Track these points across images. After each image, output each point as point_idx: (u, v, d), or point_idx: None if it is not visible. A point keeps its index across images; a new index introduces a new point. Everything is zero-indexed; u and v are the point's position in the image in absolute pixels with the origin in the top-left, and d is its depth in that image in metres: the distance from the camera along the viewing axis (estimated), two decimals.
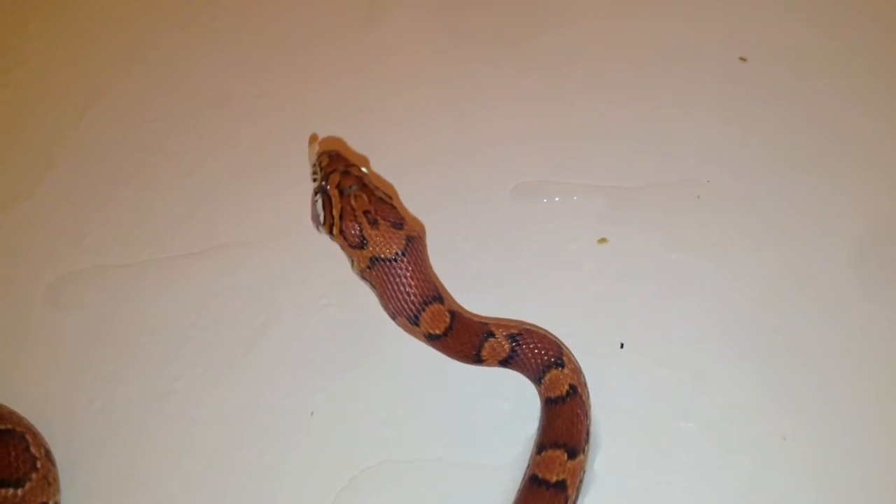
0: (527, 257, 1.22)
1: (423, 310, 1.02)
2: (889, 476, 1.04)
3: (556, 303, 1.18)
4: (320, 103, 1.41)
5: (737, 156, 1.30)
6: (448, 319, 1.04)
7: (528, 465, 1.03)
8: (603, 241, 1.23)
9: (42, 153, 1.39)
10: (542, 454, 1.00)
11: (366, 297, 1.19)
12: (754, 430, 1.07)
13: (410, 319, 1.03)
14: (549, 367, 1.05)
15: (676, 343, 1.14)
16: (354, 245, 1.03)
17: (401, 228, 1.03)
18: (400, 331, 1.14)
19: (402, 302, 1.03)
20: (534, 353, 1.05)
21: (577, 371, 1.06)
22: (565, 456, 0.99)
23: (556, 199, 1.28)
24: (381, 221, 1.03)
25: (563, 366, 1.05)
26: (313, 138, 1.25)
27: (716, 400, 1.10)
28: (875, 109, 1.33)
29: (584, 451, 1.02)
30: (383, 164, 1.30)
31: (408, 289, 1.02)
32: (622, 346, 1.14)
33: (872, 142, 1.30)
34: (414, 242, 1.03)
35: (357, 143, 1.34)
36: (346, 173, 1.06)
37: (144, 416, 1.14)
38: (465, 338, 1.04)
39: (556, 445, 1.00)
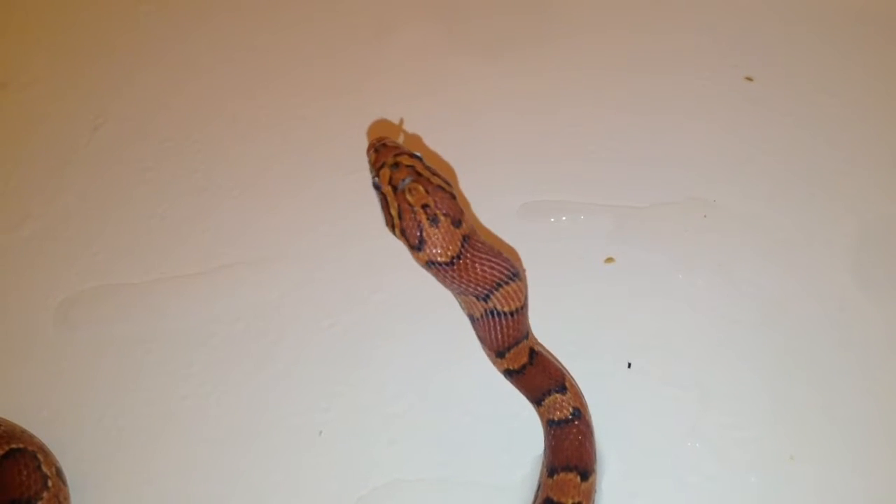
0: (534, 276, 1.22)
1: (500, 287, 0.97)
2: None
3: (563, 322, 1.17)
4: (329, 121, 1.41)
5: (743, 175, 1.30)
6: (524, 299, 1.00)
7: (540, 488, 1.03)
8: (610, 260, 1.23)
9: (52, 171, 1.40)
10: (555, 477, 1.00)
11: (371, 318, 1.21)
12: (761, 449, 1.07)
13: (480, 296, 0.97)
14: (548, 392, 1.04)
15: (683, 362, 1.14)
16: (413, 246, 0.95)
17: (460, 226, 0.95)
18: (405, 349, 1.17)
19: (477, 284, 0.96)
20: (538, 376, 1.04)
21: (578, 395, 1.05)
22: (578, 479, 0.99)
23: (563, 218, 1.28)
24: (441, 218, 0.94)
25: (564, 391, 1.04)
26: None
27: (723, 419, 1.10)
28: (883, 129, 1.34)
29: (594, 471, 1.02)
30: None
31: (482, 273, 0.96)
32: (629, 365, 1.14)
33: (881, 161, 1.30)
34: (470, 240, 0.96)
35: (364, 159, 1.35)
36: (396, 165, 0.96)
37: (153, 435, 1.14)
38: (517, 326, 1.00)
39: (567, 468, 1.00)
